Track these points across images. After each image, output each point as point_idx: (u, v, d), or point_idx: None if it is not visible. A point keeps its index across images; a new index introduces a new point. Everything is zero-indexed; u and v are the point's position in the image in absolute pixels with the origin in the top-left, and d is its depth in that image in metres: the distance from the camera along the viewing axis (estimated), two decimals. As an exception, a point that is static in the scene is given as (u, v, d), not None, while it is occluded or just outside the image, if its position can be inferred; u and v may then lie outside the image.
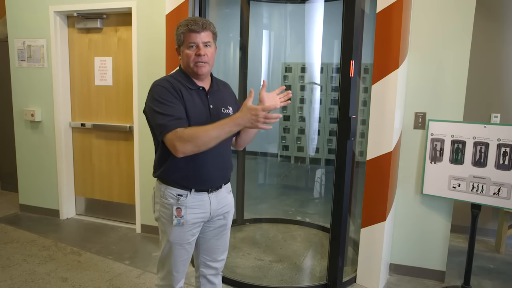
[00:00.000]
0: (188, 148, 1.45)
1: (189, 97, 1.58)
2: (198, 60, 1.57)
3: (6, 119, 4.41)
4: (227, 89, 1.79)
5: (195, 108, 1.58)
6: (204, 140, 1.44)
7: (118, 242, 3.32)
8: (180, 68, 1.67)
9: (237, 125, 1.44)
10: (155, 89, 1.56)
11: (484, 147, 2.38)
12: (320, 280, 2.68)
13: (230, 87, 1.83)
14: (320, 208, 4.33)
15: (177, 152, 1.47)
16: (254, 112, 1.40)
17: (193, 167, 1.59)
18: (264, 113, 1.39)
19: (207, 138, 1.44)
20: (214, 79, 1.72)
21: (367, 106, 2.67)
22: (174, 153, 1.48)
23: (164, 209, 1.65)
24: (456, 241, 3.44)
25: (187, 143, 1.44)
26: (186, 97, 1.57)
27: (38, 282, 2.62)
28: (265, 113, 1.39)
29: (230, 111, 1.69)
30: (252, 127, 1.44)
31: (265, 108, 1.39)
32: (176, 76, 1.63)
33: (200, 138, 1.44)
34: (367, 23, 2.58)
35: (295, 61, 4.69)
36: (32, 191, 3.91)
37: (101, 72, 3.62)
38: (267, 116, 1.40)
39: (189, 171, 1.60)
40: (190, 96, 1.59)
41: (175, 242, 1.65)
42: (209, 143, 1.45)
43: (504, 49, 3.42)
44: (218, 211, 1.72)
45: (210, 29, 1.60)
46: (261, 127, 1.42)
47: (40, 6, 3.57)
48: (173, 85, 1.56)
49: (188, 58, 1.58)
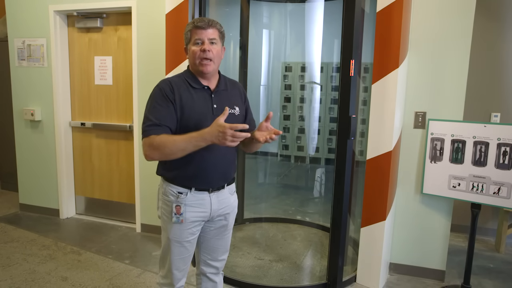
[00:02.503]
0: (155, 155, 1.52)
1: (189, 98, 1.59)
2: (203, 56, 1.58)
3: (6, 119, 4.41)
4: (236, 88, 1.78)
5: (196, 108, 1.59)
6: (171, 149, 1.48)
7: (118, 241, 3.32)
8: (188, 68, 1.69)
9: (204, 139, 1.45)
10: (154, 90, 1.60)
11: (484, 146, 2.38)
12: (320, 280, 2.68)
13: (239, 86, 1.82)
14: (320, 208, 4.33)
15: (146, 157, 1.54)
16: (221, 129, 1.40)
17: (194, 166, 1.60)
18: (231, 131, 1.38)
19: (174, 148, 1.48)
20: (222, 78, 1.72)
21: (367, 106, 2.67)
22: (145, 157, 1.55)
23: (165, 206, 1.67)
24: (456, 241, 3.45)
25: (155, 150, 1.50)
26: (186, 98, 1.58)
27: (38, 281, 2.62)
28: (232, 131, 1.39)
29: (236, 111, 1.69)
30: (220, 144, 1.43)
31: (233, 127, 1.38)
32: (182, 76, 1.65)
33: (167, 147, 1.48)
34: (367, 23, 2.58)
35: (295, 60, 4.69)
36: (32, 190, 3.92)
37: (101, 71, 3.62)
38: (234, 135, 1.39)
39: (189, 170, 1.61)
40: (191, 96, 1.60)
41: (173, 240, 1.67)
42: (176, 153, 1.49)
43: (504, 49, 3.42)
44: (219, 212, 1.72)
45: (216, 27, 1.62)
46: (228, 144, 1.41)
47: (40, 6, 3.57)
48: (172, 86, 1.58)
49: (194, 54, 1.59)
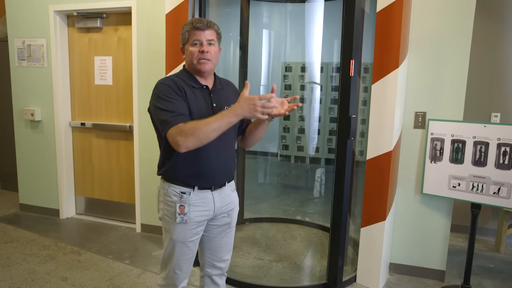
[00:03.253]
0: (190, 141, 1.44)
1: (192, 96, 1.60)
2: (201, 57, 1.59)
3: (6, 119, 4.41)
4: (231, 87, 1.80)
5: (198, 107, 1.60)
6: (206, 132, 1.43)
7: (118, 241, 3.32)
8: (184, 68, 1.69)
9: (236, 115, 1.43)
10: (159, 87, 1.58)
11: (484, 146, 2.38)
12: (320, 280, 2.68)
13: (233, 85, 1.84)
14: (320, 208, 4.33)
15: (180, 147, 1.45)
16: (251, 101, 1.41)
17: (196, 164, 1.60)
18: (261, 102, 1.41)
19: (208, 129, 1.42)
20: (217, 78, 1.74)
21: (367, 106, 2.67)
22: (177, 148, 1.46)
23: (168, 207, 1.66)
24: (456, 241, 3.45)
25: (189, 136, 1.43)
26: (190, 96, 1.59)
27: (38, 281, 2.62)
28: (261, 102, 1.41)
29: None
30: (251, 117, 1.44)
31: (262, 97, 1.41)
32: (180, 75, 1.65)
33: (201, 130, 1.42)
34: (367, 23, 2.58)
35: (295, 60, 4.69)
36: (32, 190, 3.92)
37: (101, 71, 3.62)
38: (264, 105, 1.42)
39: (192, 169, 1.61)
40: (193, 95, 1.60)
41: (178, 240, 1.66)
42: (210, 134, 1.44)
43: (504, 48, 3.42)
44: (222, 209, 1.73)
45: (214, 28, 1.63)
46: (259, 116, 1.43)
47: (40, 6, 3.57)
48: (177, 83, 1.58)
49: (192, 55, 1.60)
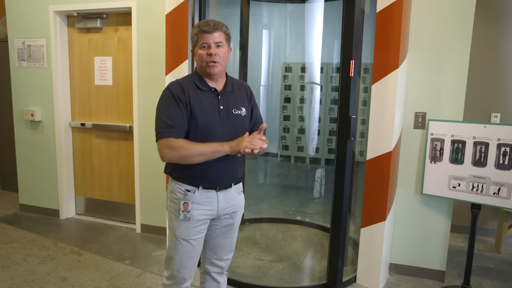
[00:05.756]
0: (174, 157, 1.58)
1: (197, 99, 1.63)
2: (209, 60, 1.62)
3: (6, 119, 4.41)
4: (243, 89, 1.81)
5: (203, 109, 1.63)
6: (191, 154, 1.56)
7: (118, 242, 3.32)
8: (195, 70, 1.73)
9: (222, 146, 1.58)
10: (164, 92, 1.65)
11: (484, 147, 2.38)
12: (320, 280, 2.68)
13: (247, 87, 1.85)
14: (320, 208, 4.33)
15: (163, 158, 1.59)
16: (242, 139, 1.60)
17: (202, 165, 1.63)
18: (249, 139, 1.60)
19: (194, 152, 1.56)
20: (229, 79, 1.76)
21: (367, 106, 2.67)
22: (161, 158, 1.60)
23: (173, 204, 1.70)
24: (456, 241, 3.45)
25: (174, 152, 1.56)
26: (194, 99, 1.63)
27: (38, 281, 2.62)
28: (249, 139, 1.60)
29: (242, 112, 1.72)
30: (232, 152, 1.58)
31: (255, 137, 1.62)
32: (189, 78, 1.70)
33: (188, 150, 1.56)
34: (367, 23, 2.58)
35: (295, 60, 4.69)
36: (32, 191, 3.91)
37: (101, 72, 3.62)
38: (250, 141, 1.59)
39: (197, 169, 1.64)
40: (199, 97, 1.64)
41: (181, 237, 1.69)
42: (195, 158, 1.57)
43: (504, 49, 3.42)
44: (226, 210, 1.74)
45: (222, 29, 1.65)
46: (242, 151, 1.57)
47: (40, 6, 3.57)
48: (182, 88, 1.62)
49: (201, 58, 1.64)
